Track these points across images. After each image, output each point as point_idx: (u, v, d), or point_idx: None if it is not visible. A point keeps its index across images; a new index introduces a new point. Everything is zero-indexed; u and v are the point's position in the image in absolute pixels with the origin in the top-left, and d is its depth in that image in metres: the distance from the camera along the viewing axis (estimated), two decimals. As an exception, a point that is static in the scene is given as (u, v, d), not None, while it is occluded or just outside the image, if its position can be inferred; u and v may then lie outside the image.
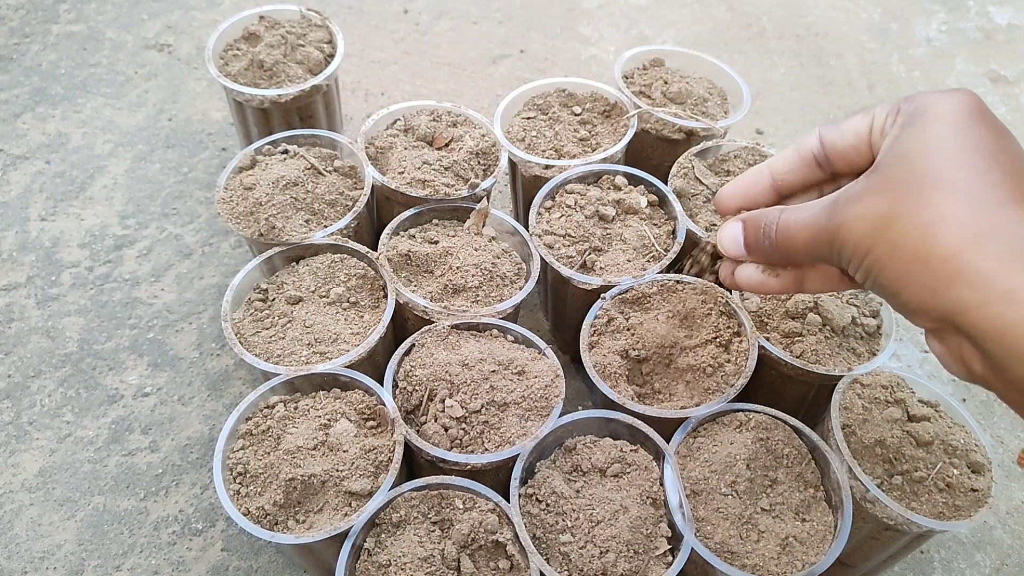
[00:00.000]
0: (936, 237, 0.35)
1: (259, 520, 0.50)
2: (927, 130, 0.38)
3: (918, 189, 0.36)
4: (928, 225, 0.35)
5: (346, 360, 0.57)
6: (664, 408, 0.56)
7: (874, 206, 0.38)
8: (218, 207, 0.66)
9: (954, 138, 0.37)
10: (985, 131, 0.37)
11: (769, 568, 0.49)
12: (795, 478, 0.53)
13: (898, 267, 0.37)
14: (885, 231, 0.37)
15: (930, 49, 1.15)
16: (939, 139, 0.37)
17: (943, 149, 0.37)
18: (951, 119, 0.38)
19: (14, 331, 0.75)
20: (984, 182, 0.35)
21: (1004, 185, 0.35)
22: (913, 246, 0.36)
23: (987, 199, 0.35)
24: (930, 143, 0.37)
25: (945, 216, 0.35)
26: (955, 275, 0.35)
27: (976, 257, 0.34)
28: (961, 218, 0.35)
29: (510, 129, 0.75)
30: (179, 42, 1.06)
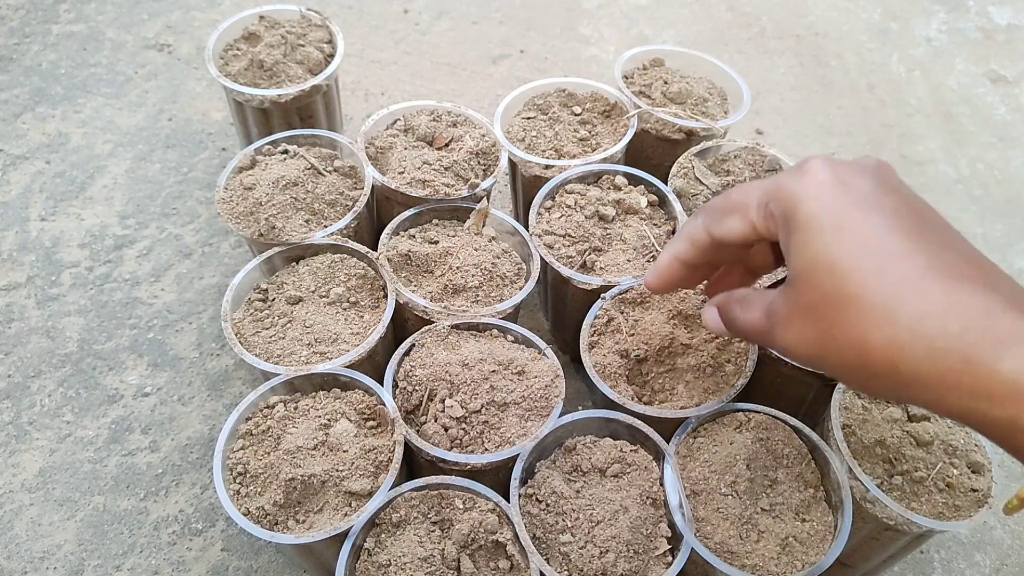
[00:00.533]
0: (869, 356, 0.36)
1: (259, 520, 0.50)
2: (808, 243, 0.38)
3: (832, 311, 0.37)
4: (857, 344, 0.36)
5: (346, 360, 0.57)
6: (664, 408, 0.56)
7: (804, 331, 0.39)
8: (218, 207, 0.66)
9: (837, 244, 0.37)
10: (857, 212, 0.37)
11: (769, 568, 0.49)
12: (795, 478, 0.53)
13: (854, 380, 0.38)
14: (825, 351, 0.38)
15: (930, 49, 1.15)
16: (822, 252, 0.37)
17: (831, 263, 0.37)
18: (820, 225, 0.38)
19: (14, 331, 0.75)
20: (885, 282, 0.35)
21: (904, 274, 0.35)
22: (856, 363, 0.37)
23: (894, 301, 0.35)
24: (818, 259, 0.37)
25: (866, 333, 0.36)
26: (902, 386, 0.35)
27: (910, 367, 0.34)
28: (880, 331, 0.35)
29: (510, 129, 0.75)
30: (179, 42, 1.06)
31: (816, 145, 1.00)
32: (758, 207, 0.42)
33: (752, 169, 0.71)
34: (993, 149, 1.01)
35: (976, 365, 0.33)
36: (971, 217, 0.93)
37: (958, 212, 0.94)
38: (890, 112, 1.05)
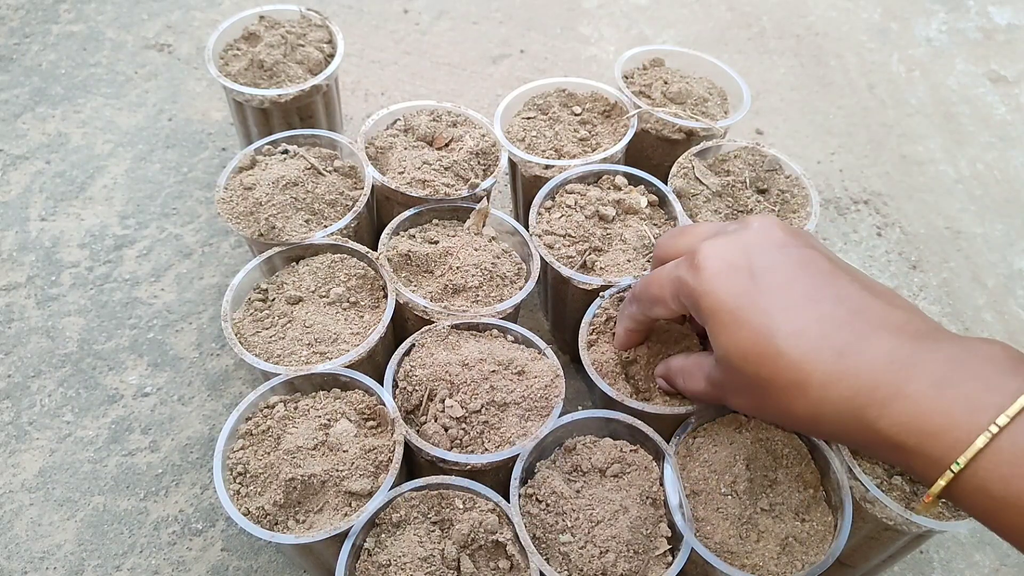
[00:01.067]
0: (796, 420, 0.42)
1: (259, 520, 0.50)
2: (717, 336, 0.44)
3: (755, 391, 0.43)
4: (785, 413, 0.43)
5: (346, 360, 0.57)
6: (664, 408, 0.56)
7: (743, 402, 0.46)
8: (218, 207, 0.66)
9: (738, 337, 0.43)
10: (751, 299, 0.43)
11: (769, 568, 0.49)
12: (795, 478, 0.53)
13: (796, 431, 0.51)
14: (764, 413, 0.46)
15: (930, 49, 1.15)
16: (730, 346, 0.43)
17: (740, 354, 0.43)
18: (721, 322, 0.44)
19: (14, 331, 0.75)
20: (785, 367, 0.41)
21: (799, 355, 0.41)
22: (790, 424, 0.46)
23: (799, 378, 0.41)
24: (728, 351, 0.44)
25: (788, 405, 0.42)
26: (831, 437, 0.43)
27: (828, 428, 0.41)
28: (798, 403, 0.41)
29: (510, 129, 0.75)
30: (179, 42, 1.06)
31: (816, 145, 1.00)
32: (672, 299, 0.48)
33: (752, 169, 0.71)
34: (993, 149, 1.01)
35: (867, 425, 0.39)
36: (971, 217, 0.93)
37: (958, 212, 0.94)
38: (890, 112, 1.05)
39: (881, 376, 0.38)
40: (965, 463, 0.35)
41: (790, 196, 0.70)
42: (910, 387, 0.37)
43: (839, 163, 0.98)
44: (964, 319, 0.83)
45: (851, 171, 0.98)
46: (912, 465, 0.38)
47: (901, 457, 0.38)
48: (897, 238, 0.91)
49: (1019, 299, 0.85)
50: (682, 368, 0.52)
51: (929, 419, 0.37)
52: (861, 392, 0.39)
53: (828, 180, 0.96)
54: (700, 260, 0.45)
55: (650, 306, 0.51)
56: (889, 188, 0.96)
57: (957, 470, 0.35)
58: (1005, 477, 0.35)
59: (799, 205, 0.69)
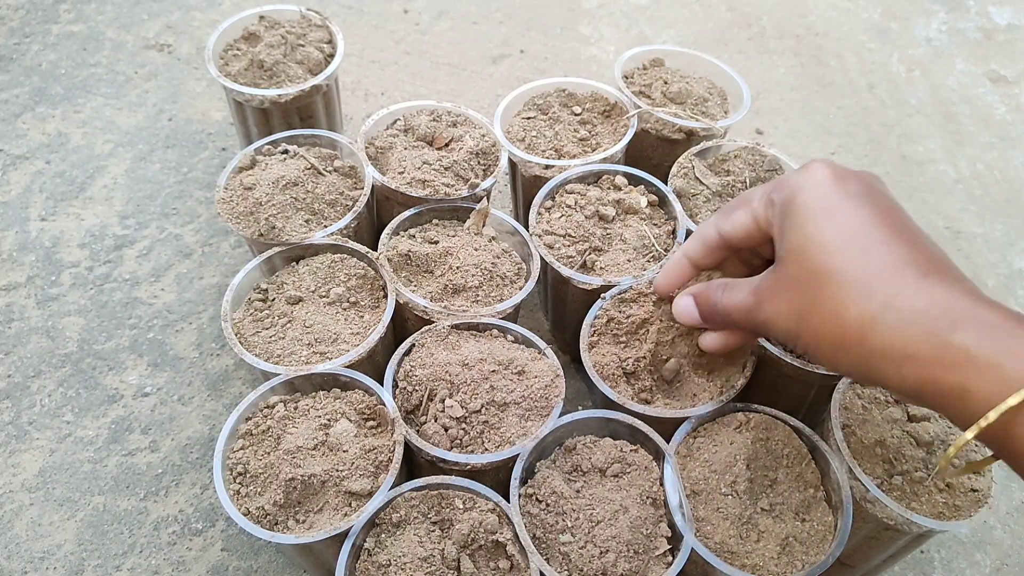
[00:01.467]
0: (844, 325, 0.41)
1: (259, 520, 0.50)
2: (802, 225, 0.43)
3: (816, 284, 0.42)
4: (834, 315, 0.41)
5: (346, 360, 0.57)
6: (665, 411, 0.56)
7: (787, 303, 0.44)
8: (218, 207, 0.66)
9: (826, 228, 0.42)
10: (851, 207, 0.43)
11: (769, 568, 0.49)
12: (795, 478, 0.53)
13: (825, 351, 0.43)
14: (804, 323, 0.43)
15: (930, 49, 1.15)
16: (815, 232, 0.43)
17: (821, 242, 0.42)
18: (816, 209, 0.43)
19: (14, 331, 0.75)
20: (868, 263, 0.40)
21: (884, 259, 0.40)
22: (829, 335, 0.42)
23: (874, 279, 0.40)
24: (810, 238, 0.43)
25: (845, 304, 0.40)
26: (867, 355, 0.40)
27: (878, 335, 0.39)
28: (857, 303, 0.40)
29: (510, 129, 0.75)
30: (179, 42, 1.06)
31: (816, 145, 1.00)
32: (760, 198, 0.47)
33: (752, 169, 0.71)
34: (993, 149, 1.01)
35: (935, 336, 0.38)
36: (971, 217, 0.93)
37: (958, 212, 0.94)
38: (890, 112, 1.05)
39: (960, 300, 0.38)
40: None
41: (790, 196, 0.70)
42: (989, 315, 0.37)
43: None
44: (964, 319, 0.83)
45: (851, 171, 0.98)
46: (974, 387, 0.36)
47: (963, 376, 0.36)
48: (897, 238, 0.91)
49: (1019, 299, 0.85)
50: (726, 283, 0.50)
51: (1010, 340, 0.36)
52: (937, 306, 0.38)
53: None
54: (811, 166, 0.45)
55: (730, 211, 0.50)
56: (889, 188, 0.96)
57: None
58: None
59: (799, 205, 0.69)
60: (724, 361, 0.58)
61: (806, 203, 0.44)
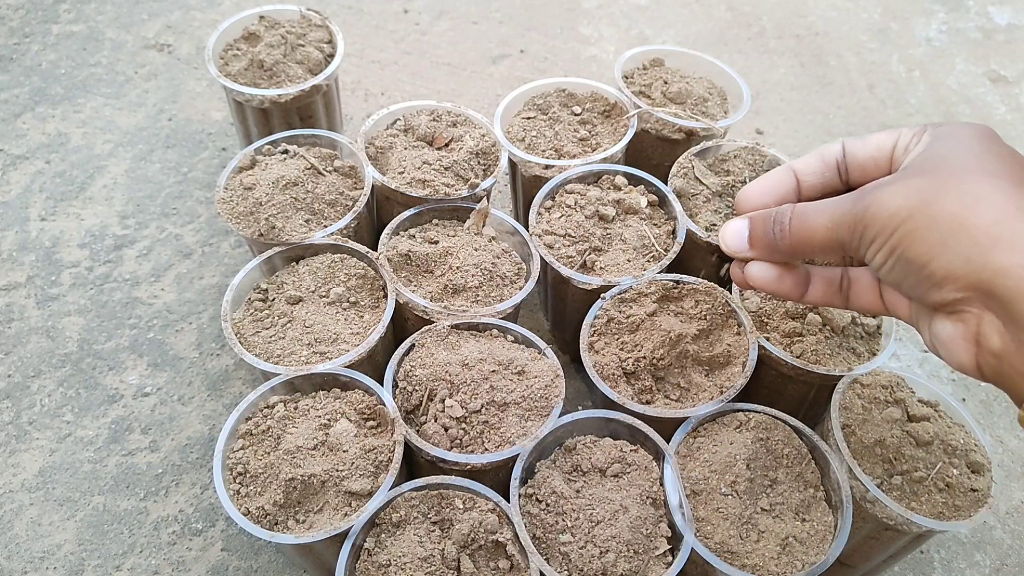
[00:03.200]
0: (977, 208, 0.37)
1: (259, 520, 0.50)
2: (953, 142, 0.41)
3: (956, 175, 0.39)
4: (969, 198, 0.37)
5: (346, 360, 0.57)
6: (665, 411, 0.56)
7: (912, 185, 0.40)
8: (218, 207, 0.66)
9: (979, 148, 0.40)
10: (1004, 149, 0.40)
11: (769, 568, 0.49)
12: (795, 478, 0.53)
13: (933, 236, 0.38)
14: (923, 205, 0.39)
15: (930, 49, 1.15)
16: (966, 147, 0.40)
17: (971, 153, 0.40)
18: (973, 137, 0.41)
19: (14, 331, 0.75)
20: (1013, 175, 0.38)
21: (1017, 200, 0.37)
22: (953, 216, 0.37)
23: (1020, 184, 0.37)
24: (958, 149, 0.40)
25: (985, 193, 0.37)
26: (995, 240, 0.36)
27: (1018, 224, 0.36)
28: (1001, 194, 0.37)
29: (510, 129, 0.75)
30: (179, 42, 1.06)
31: (816, 145, 1.00)
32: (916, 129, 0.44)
33: (752, 169, 0.71)
34: (993, 149, 1.01)
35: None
36: (971, 217, 0.93)
37: (958, 212, 0.94)
38: (890, 112, 1.05)
39: None
40: None
41: (790, 196, 0.70)
42: None
43: None
44: (964, 319, 0.83)
45: (851, 171, 0.98)
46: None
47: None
48: (897, 238, 0.91)
49: (1019, 299, 0.85)
50: (803, 208, 0.45)
51: None
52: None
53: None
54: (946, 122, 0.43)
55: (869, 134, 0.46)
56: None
57: None
58: None
59: (799, 205, 0.69)
60: (724, 361, 0.58)
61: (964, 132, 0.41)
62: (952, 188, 0.38)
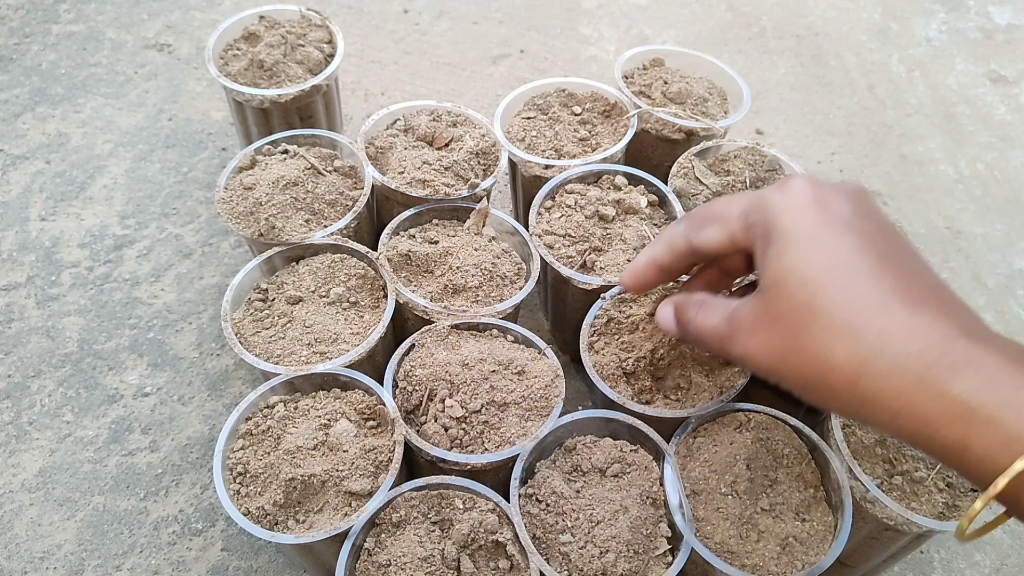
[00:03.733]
0: (831, 369, 0.37)
1: (259, 520, 0.50)
2: (783, 254, 0.39)
3: (799, 323, 0.38)
4: (820, 358, 0.37)
5: (346, 360, 0.57)
6: (666, 411, 0.56)
7: (768, 340, 0.40)
8: (218, 207, 0.66)
9: (811, 258, 0.38)
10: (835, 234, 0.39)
11: (769, 568, 0.49)
12: (795, 478, 0.53)
13: (812, 394, 0.39)
14: (786, 363, 0.39)
15: (930, 49, 1.15)
16: (796, 264, 0.39)
17: (803, 275, 0.38)
18: (797, 237, 0.39)
19: (14, 331, 0.75)
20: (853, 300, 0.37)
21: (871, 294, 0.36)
22: (816, 377, 0.38)
23: (860, 318, 0.36)
24: (791, 270, 0.39)
25: (830, 347, 0.37)
26: (858, 401, 0.37)
27: (868, 382, 0.36)
28: (844, 346, 0.36)
29: (510, 129, 0.75)
30: (179, 42, 1.06)
31: (816, 145, 1.00)
32: (739, 217, 0.44)
33: (752, 169, 0.71)
34: (993, 149, 1.01)
35: (931, 384, 0.34)
36: (971, 217, 0.93)
37: (958, 212, 0.94)
38: (890, 112, 1.05)
39: (958, 340, 0.34)
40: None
41: (790, 196, 0.70)
42: (989, 358, 0.33)
43: (839, 163, 0.98)
44: (964, 319, 0.83)
45: (851, 171, 0.98)
46: (976, 439, 0.33)
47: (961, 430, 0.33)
48: (897, 238, 0.91)
49: (1019, 299, 0.85)
50: (703, 301, 0.47)
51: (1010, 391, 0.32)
52: (932, 350, 0.34)
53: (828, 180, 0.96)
54: (792, 184, 0.41)
55: (703, 224, 0.46)
56: (889, 188, 0.96)
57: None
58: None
59: (799, 205, 0.69)
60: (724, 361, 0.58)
61: (786, 229, 0.40)
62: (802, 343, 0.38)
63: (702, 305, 0.46)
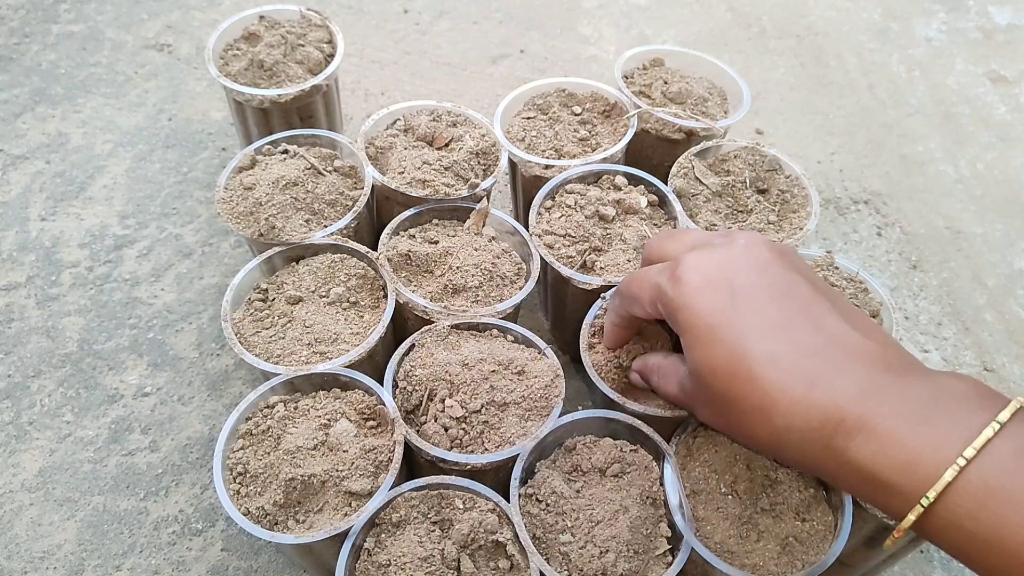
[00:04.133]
0: (760, 444, 0.43)
1: (259, 520, 0.50)
2: (691, 347, 0.44)
3: (724, 408, 0.44)
4: (749, 436, 0.43)
5: (346, 360, 0.57)
6: (666, 411, 0.56)
7: (711, 417, 0.46)
8: (218, 207, 0.66)
9: (712, 353, 0.43)
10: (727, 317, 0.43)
11: (769, 568, 0.49)
12: (795, 478, 0.53)
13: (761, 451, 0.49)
14: (732, 435, 0.47)
15: (930, 49, 1.15)
16: (704, 359, 0.43)
17: (712, 369, 0.43)
18: (697, 332, 0.44)
19: (14, 331, 0.75)
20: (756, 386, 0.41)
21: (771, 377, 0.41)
22: (755, 447, 0.48)
23: (765, 403, 0.41)
24: (701, 363, 0.44)
25: (753, 428, 0.42)
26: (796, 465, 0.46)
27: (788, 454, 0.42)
28: (762, 427, 0.42)
29: (510, 129, 0.75)
30: (179, 42, 1.06)
31: (816, 145, 1.00)
32: (650, 303, 0.48)
33: (752, 169, 0.71)
34: (993, 149, 1.01)
35: (836, 453, 0.39)
36: (971, 217, 0.93)
37: (958, 212, 0.94)
38: (890, 112, 1.05)
39: (850, 408, 0.38)
40: (935, 497, 0.35)
41: (790, 196, 0.70)
42: (880, 420, 0.37)
43: (839, 163, 0.98)
44: (964, 319, 0.83)
45: (851, 171, 0.98)
46: (881, 498, 0.38)
47: (870, 490, 0.38)
48: (897, 238, 0.91)
49: (1019, 299, 0.85)
50: (659, 367, 0.53)
51: (899, 452, 0.36)
52: (829, 422, 0.39)
53: (828, 180, 0.96)
54: (681, 272, 0.45)
55: (630, 303, 0.51)
56: (889, 188, 0.96)
57: (927, 504, 0.35)
58: (972, 512, 0.34)
59: (799, 205, 0.69)
60: None
61: (685, 326, 0.44)
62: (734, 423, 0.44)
63: (659, 371, 0.52)
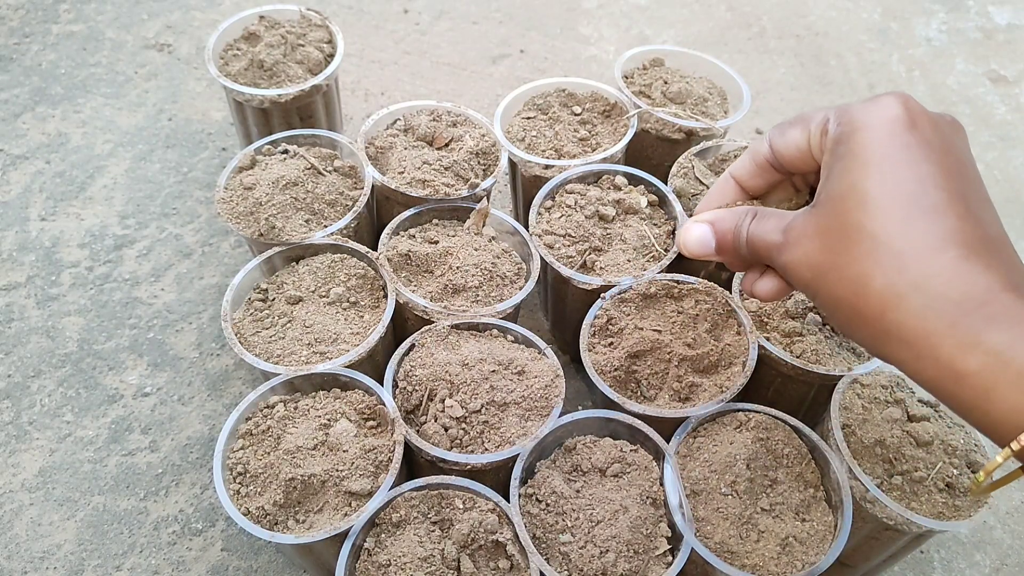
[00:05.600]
0: (865, 294, 0.36)
1: (259, 520, 0.50)
2: (850, 170, 0.38)
3: (846, 240, 0.37)
4: (857, 281, 0.36)
5: (346, 360, 0.57)
6: (665, 411, 0.56)
7: (810, 254, 0.39)
8: (218, 207, 0.66)
9: (875, 180, 0.37)
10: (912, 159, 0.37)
11: (769, 568, 0.49)
12: (795, 478, 0.53)
13: (840, 318, 0.38)
14: (822, 280, 0.38)
15: (930, 49, 1.15)
16: (860, 182, 0.37)
17: (864, 195, 0.37)
18: (871, 155, 0.37)
19: (14, 331, 0.75)
20: (908, 231, 0.35)
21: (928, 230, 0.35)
22: (848, 301, 0.37)
23: (909, 251, 0.35)
24: (854, 187, 0.37)
25: (871, 272, 0.36)
26: (884, 334, 0.36)
27: (900, 316, 0.35)
28: (885, 275, 0.35)
29: (510, 129, 0.75)
30: (179, 42, 1.06)
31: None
32: (819, 122, 0.42)
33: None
34: (993, 149, 1.01)
35: (964, 332, 0.33)
36: (971, 217, 0.93)
37: (958, 212, 0.94)
38: (890, 112, 1.05)
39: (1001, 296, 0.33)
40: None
41: (790, 196, 0.70)
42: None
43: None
44: (964, 319, 0.83)
45: (851, 171, 0.98)
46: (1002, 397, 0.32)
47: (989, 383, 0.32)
48: (897, 238, 0.91)
49: (1019, 299, 0.85)
50: (756, 210, 0.45)
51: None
52: (971, 299, 0.33)
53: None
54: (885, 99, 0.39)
55: (787, 128, 0.44)
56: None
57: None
58: None
59: (799, 205, 0.69)
60: (724, 361, 0.58)
61: (862, 145, 0.38)
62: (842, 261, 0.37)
63: (756, 214, 0.44)
